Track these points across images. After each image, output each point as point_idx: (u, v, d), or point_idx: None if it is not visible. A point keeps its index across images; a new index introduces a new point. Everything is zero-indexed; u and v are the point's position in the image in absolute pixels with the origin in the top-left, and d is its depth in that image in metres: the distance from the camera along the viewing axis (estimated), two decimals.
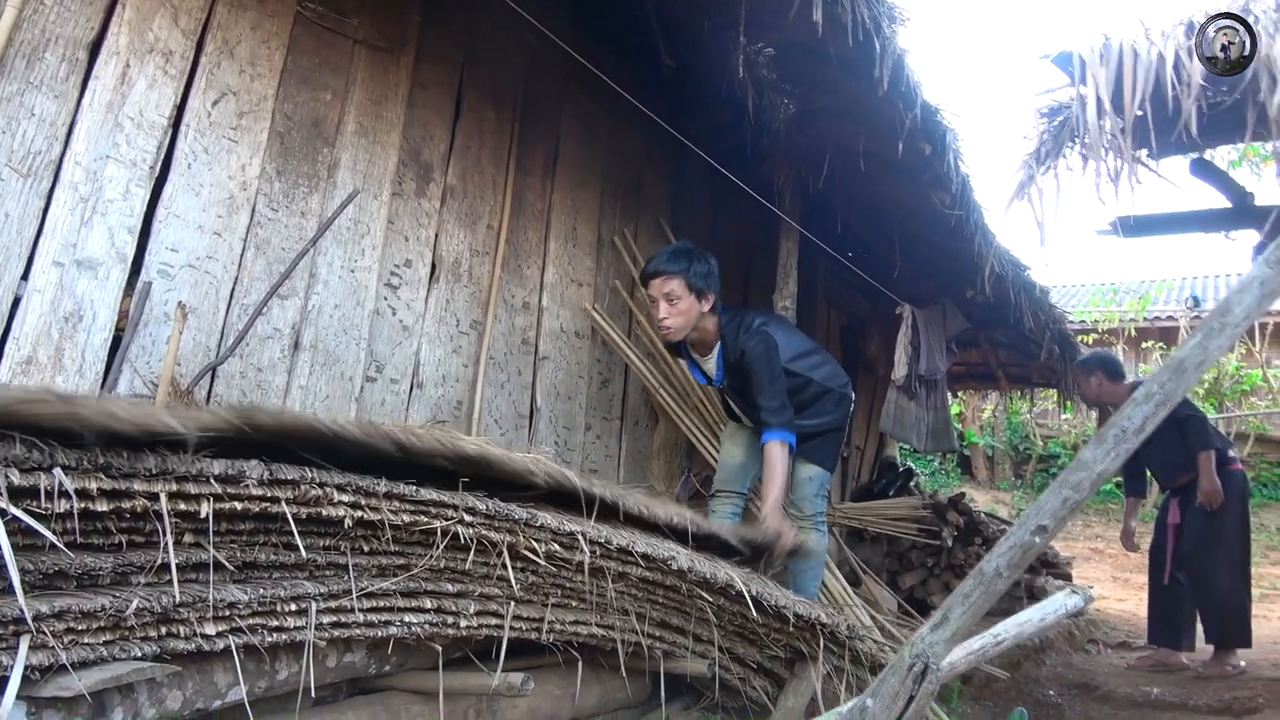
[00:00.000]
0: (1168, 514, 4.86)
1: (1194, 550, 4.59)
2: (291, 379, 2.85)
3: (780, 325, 3.35)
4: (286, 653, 1.74)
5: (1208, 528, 4.56)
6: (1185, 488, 4.72)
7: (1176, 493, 4.83)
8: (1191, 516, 4.63)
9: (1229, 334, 1.12)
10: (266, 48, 2.82)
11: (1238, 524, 4.59)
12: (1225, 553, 4.53)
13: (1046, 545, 1.31)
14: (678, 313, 3.08)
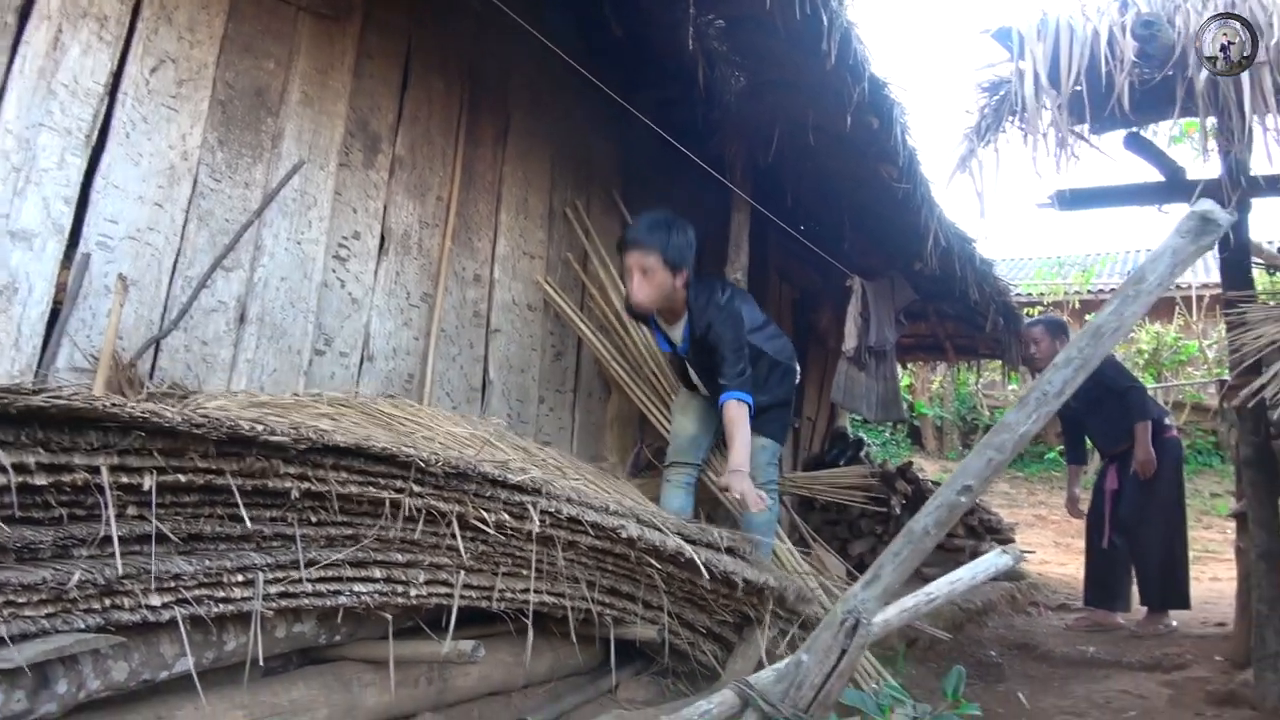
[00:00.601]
0: (1105, 480, 4.97)
1: (1131, 515, 4.71)
2: (238, 352, 2.82)
3: (742, 298, 3.41)
4: (234, 623, 1.74)
5: (1144, 493, 4.68)
6: (1123, 455, 4.84)
7: (1114, 460, 4.95)
8: (1129, 482, 4.76)
9: (1143, 300, 1.17)
10: (206, 14, 2.76)
11: (1173, 490, 4.73)
12: (1161, 517, 4.66)
13: (972, 504, 1.36)
14: (652, 286, 3.07)
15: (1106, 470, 5.01)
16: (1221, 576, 6.99)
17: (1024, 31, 2.32)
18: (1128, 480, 4.78)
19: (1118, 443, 4.85)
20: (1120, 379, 4.92)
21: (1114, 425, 4.82)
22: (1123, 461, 4.84)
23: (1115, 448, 4.91)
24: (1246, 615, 3.61)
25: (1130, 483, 4.75)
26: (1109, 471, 4.98)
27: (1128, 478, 4.77)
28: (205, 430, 1.47)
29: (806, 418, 6.64)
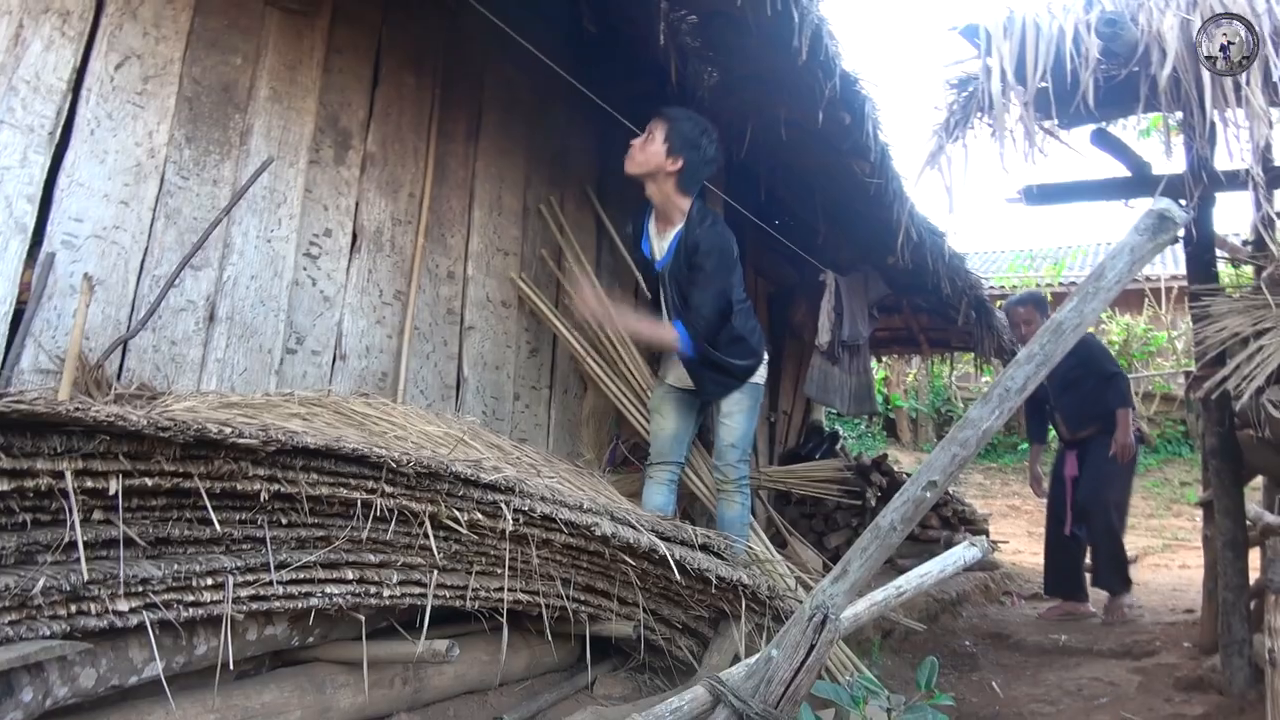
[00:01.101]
0: (1065, 467, 4.97)
1: (1088, 500, 4.77)
2: (207, 352, 2.79)
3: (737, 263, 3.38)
4: (205, 627, 1.73)
5: (1102, 481, 4.75)
6: (1085, 441, 4.84)
7: (1074, 446, 4.95)
8: (1088, 470, 4.80)
9: (1103, 297, 1.19)
10: (171, 9, 2.72)
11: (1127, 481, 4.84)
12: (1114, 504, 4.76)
13: (938, 499, 1.38)
14: (644, 153, 3.16)
15: (1065, 457, 4.99)
16: (1190, 564, 7.11)
17: (991, 29, 2.34)
18: (1086, 468, 4.80)
19: (1085, 425, 4.83)
20: (1107, 363, 4.90)
21: (1087, 408, 4.80)
22: (1083, 448, 4.83)
23: (1080, 431, 4.88)
24: (1214, 602, 3.67)
25: (1088, 470, 4.79)
26: (1068, 458, 4.95)
27: (1087, 465, 4.79)
28: (172, 433, 1.46)
29: (782, 411, 6.67)
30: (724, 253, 3.16)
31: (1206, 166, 2.50)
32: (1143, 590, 6.03)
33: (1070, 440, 5.00)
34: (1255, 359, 2.45)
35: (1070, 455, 4.95)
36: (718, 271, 3.12)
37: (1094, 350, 4.89)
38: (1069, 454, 4.96)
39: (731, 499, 3.35)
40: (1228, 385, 2.51)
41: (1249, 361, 2.46)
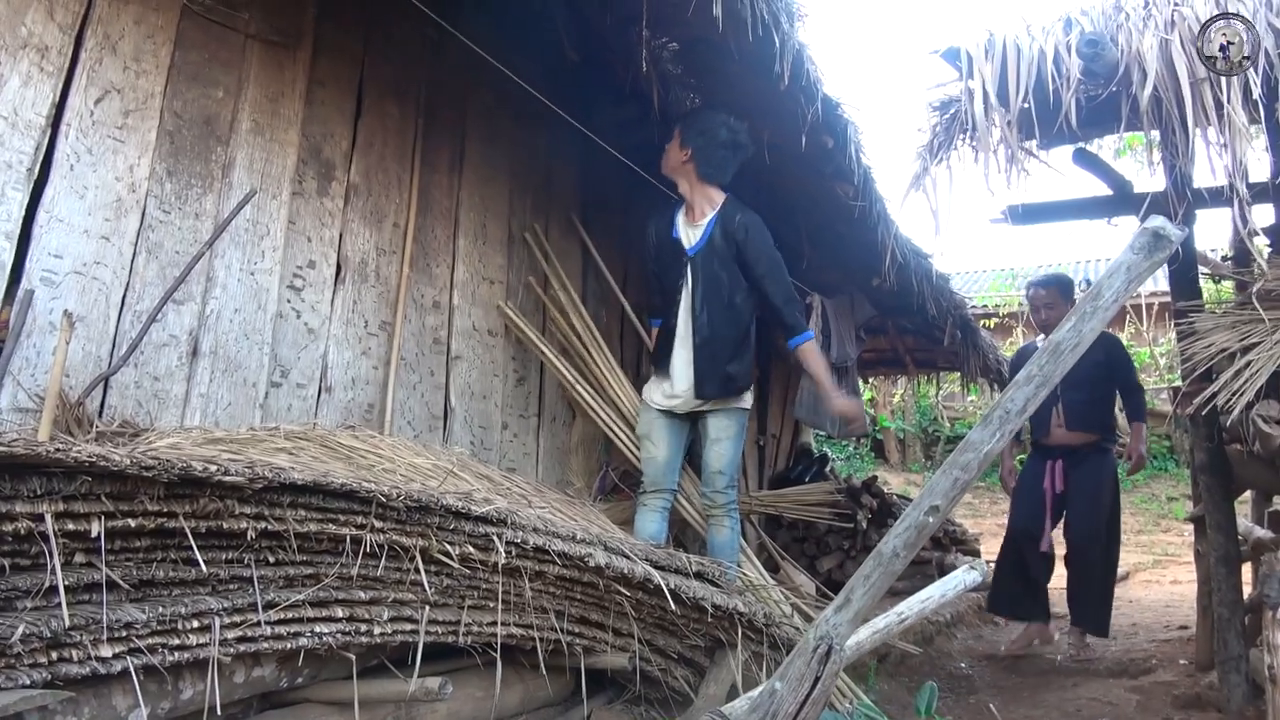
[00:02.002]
0: (1045, 476, 4.33)
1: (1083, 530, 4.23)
2: (191, 387, 2.75)
3: None
4: (191, 671, 1.68)
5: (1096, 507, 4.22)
6: (1076, 452, 4.29)
7: (1059, 455, 4.33)
8: (1080, 492, 4.24)
9: (1101, 316, 1.18)
10: (152, 43, 2.71)
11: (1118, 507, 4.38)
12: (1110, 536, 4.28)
13: (941, 523, 1.36)
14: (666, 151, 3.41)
15: (1047, 467, 4.34)
16: (1182, 579, 7.11)
17: (972, 51, 2.36)
18: (1077, 488, 4.25)
19: (1085, 429, 4.29)
20: (1133, 374, 4.50)
21: (1096, 412, 4.31)
22: (1072, 460, 4.28)
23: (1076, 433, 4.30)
24: (1208, 618, 3.66)
25: (1082, 492, 4.25)
26: (1051, 468, 4.33)
27: (1078, 484, 4.25)
28: (155, 472, 1.42)
29: (771, 435, 6.66)
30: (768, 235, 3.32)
31: (1188, 184, 2.52)
32: (1135, 607, 6.03)
33: (1055, 445, 4.34)
34: (1244, 374, 2.46)
35: (1053, 465, 4.32)
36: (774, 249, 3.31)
37: (1122, 356, 4.45)
38: (1051, 463, 4.33)
39: (721, 524, 3.32)
40: (1217, 401, 2.52)
41: (1237, 377, 2.47)
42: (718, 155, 3.32)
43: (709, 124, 3.31)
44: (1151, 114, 2.24)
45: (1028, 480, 4.43)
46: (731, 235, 3.26)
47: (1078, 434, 4.29)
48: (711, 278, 3.28)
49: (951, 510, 1.33)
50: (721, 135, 3.29)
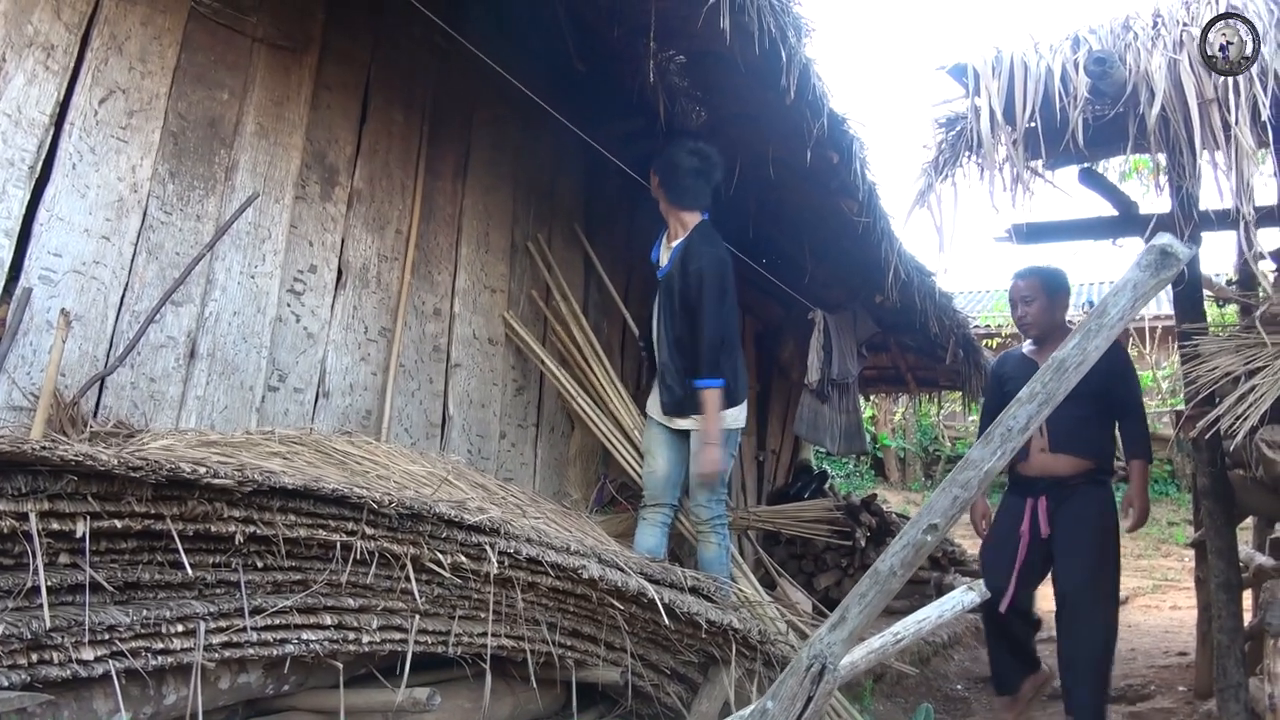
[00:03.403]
0: (1024, 516, 3.39)
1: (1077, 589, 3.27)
2: (187, 389, 2.73)
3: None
4: (174, 676, 1.66)
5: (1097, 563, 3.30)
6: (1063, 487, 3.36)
7: (1043, 489, 3.39)
8: (1072, 542, 3.32)
9: (1106, 334, 1.16)
10: (158, 44, 2.70)
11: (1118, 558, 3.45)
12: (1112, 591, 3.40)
13: (939, 542, 1.34)
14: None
15: (1029, 506, 3.40)
16: (1181, 605, 7.05)
17: (979, 68, 2.35)
18: (1066, 532, 3.33)
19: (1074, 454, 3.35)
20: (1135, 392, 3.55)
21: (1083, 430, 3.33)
22: (1059, 498, 3.36)
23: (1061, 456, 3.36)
24: (1208, 645, 3.61)
25: (1069, 537, 3.32)
26: (1034, 509, 3.38)
27: (1067, 526, 3.33)
28: (143, 473, 1.40)
29: (770, 451, 6.63)
30: (725, 266, 3.25)
31: (1194, 206, 2.51)
32: (1135, 632, 5.97)
33: (1038, 475, 3.42)
34: (1248, 398, 2.43)
35: (1038, 504, 3.39)
36: (722, 282, 3.21)
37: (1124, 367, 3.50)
38: (1034, 501, 3.40)
39: (708, 540, 3.29)
40: (1220, 425, 2.49)
41: (1241, 401, 2.44)
42: (683, 182, 3.32)
43: (673, 152, 3.33)
44: (1159, 135, 2.22)
45: (1003, 524, 3.52)
46: (687, 265, 3.24)
47: (1066, 459, 3.35)
48: (669, 304, 3.30)
49: (950, 529, 1.31)
50: (685, 163, 3.30)
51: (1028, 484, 3.45)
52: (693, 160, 3.31)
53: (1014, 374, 3.45)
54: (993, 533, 3.57)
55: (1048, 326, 3.49)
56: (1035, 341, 3.60)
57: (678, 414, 3.28)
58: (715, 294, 3.18)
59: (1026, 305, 3.52)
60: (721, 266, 3.23)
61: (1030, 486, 3.43)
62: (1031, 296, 3.50)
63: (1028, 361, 3.56)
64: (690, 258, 3.23)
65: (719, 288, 3.19)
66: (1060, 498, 3.35)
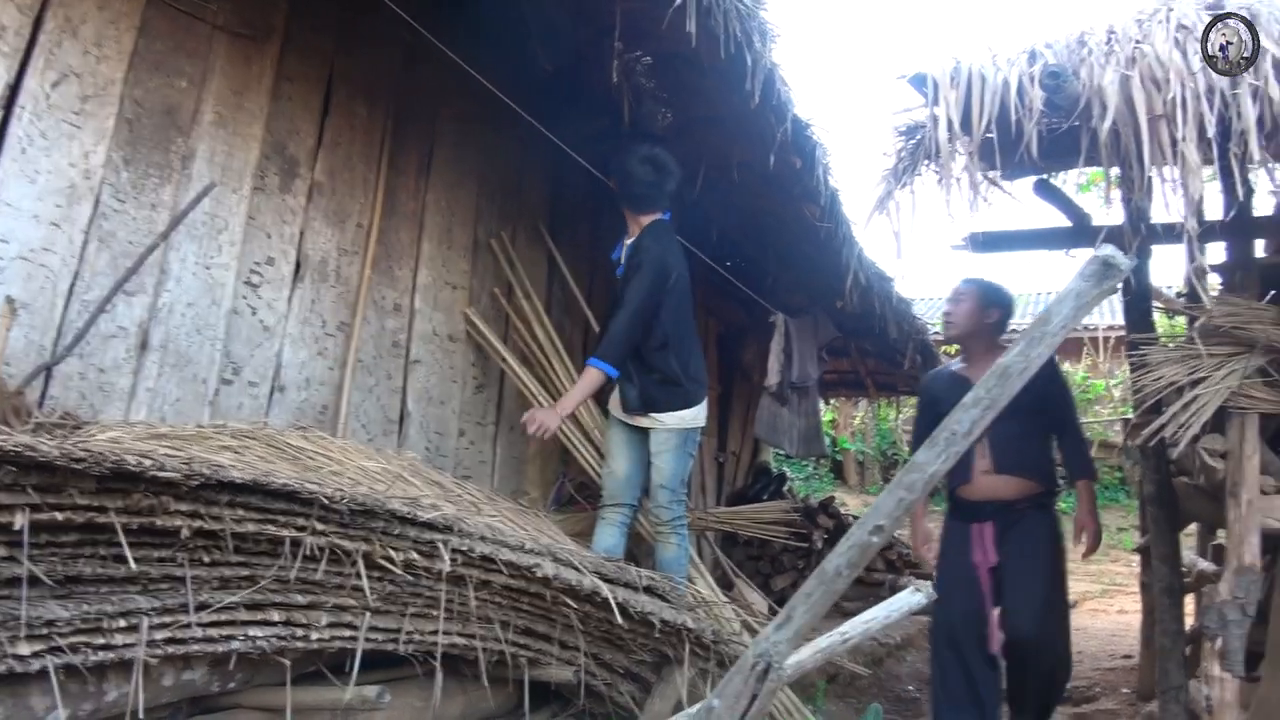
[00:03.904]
0: (973, 545, 3.13)
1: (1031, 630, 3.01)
2: (138, 381, 2.68)
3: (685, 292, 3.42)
4: (116, 672, 1.63)
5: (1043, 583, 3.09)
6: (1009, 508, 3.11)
7: (989, 514, 3.13)
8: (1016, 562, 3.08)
9: (1049, 341, 1.19)
10: (115, 28, 2.65)
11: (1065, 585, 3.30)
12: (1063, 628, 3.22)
13: (885, 543, 1.36)
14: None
15: (974, 533, 3.14)
16: (1128, 609, 7.22)
17: (938, 78, 2.39)
18: (1014, 560, 3.08)
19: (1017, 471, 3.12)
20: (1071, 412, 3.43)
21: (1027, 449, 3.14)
22: (1005, 524, 3.11)
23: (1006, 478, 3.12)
24: (1151, 648, 3.71)
25: (1019, 566, 3.07)
26: (978, 534, 3.13)
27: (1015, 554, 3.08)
28: (86, 465, 1.38)
29: (731, 452, 6.67)
30: (662, 262, 3.24)
31: (1144, 219, 2.57)
32: (1082, 635, 6.09)
33: (982, 500, 3.16)
34: (1191, 407, 2.50)
35: (984, 532, 3.13)
36: (653, 279, 3.21)
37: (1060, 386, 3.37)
38: (979, 527, 3.14)
39: (667, 540, 3.30)
40: (1165, 433, 2.56)
41: (1185, 410, 2.51)
42: (635, 190, 3.36)
43: (627, 160, 3.35)
44: (1110, 149, 2.27)
45: (951, 555, 3.26)
46: (631, 262, 3.30)
47: (1012, 482, 3.12)
48: (619, 301, 3.32)
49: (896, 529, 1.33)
50: (637, 172, 3.33)
51: (972, 509, 3.19)
52: (645, 169, 3.33)
53: (945, 393, 3.25)
54: (944, 564, 3.30)
55: (969, 332, 3.31)
56: (963, 355, 3.46)
57: (639, 410, 3.28)
58: (642, 286, 3.19)
59: (955, 304, 3.35)
60: (660, 263, 3.24)
61: (975, 511, 3.18)
62: (962, 298, 3.33)
63: (958, 379, 3.34)
64: (636, 253, 3.28)
65: (649, 282, 3.21)
66: (1007, 523, 3.11)
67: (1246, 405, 2.53)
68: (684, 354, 3.32)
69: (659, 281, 3.23)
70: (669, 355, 3.27)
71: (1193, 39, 2.29)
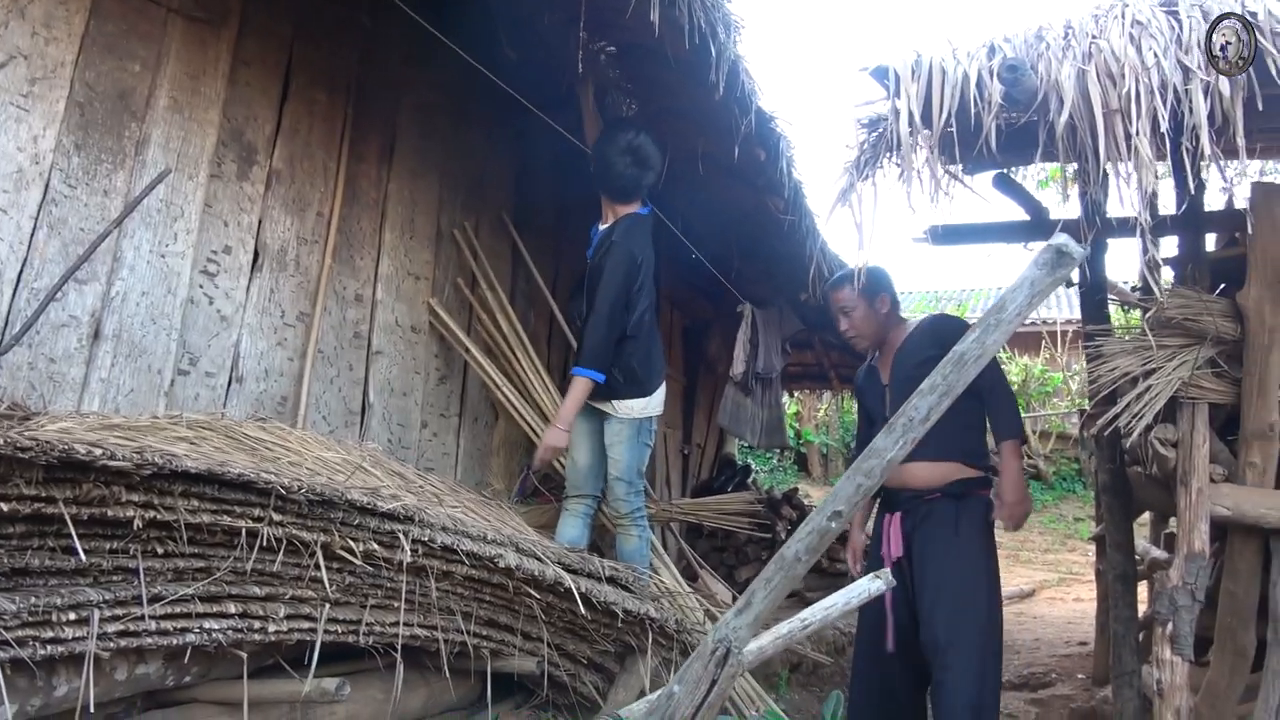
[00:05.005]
0: (886, 542, 2.80)
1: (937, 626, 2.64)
2: (90, 371, 2.62)
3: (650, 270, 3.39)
4: (66, 666, 1.60)
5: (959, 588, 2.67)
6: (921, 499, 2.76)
7: (900, 505, 2.81)
8: (925, 562, 2.71)
9: (1004, 329, 1.21)
10: (65, 9, 2.59)
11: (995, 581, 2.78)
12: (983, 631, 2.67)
13: (843, 529, 1.37)
14: None
15: (886, 525, 2.83)
16: (1084, 597, 7.36)
17: (900, 71, 2.40)
18: (923, 559, 2.72)
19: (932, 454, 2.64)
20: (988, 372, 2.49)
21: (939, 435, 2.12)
22: (916, 516, 2.76)
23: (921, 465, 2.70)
24: (1106, 634, 3.79)
25: (928, 567, 2.71)
26: (891, 526, 2.81)
27: (924, 552, 2.72)
28: (33, 454, 1.34)
29: (695, 444, 6.69)
30: (623, 264, 3.22)
31: (1100, 213, 2.61)
32: (1039, 623, 6.22)
33: (896, 490, 2.79)
34: (1144, 398, 2.55)
35: (893, 523, 2.81)
36: (625, 274, 3.21)
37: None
38: (890, 517, 2.83)
39: (628, 532, 3.30)
40: (1119, 423, 2.61)
41: (1138, 400, 2.56)
42: (614, 180, 3.33)
43: (606, 145, 3.32)
44: (1067, 143, 2.30)
45: (872, 549, 2.98)
46: (601, 253, 3.28)
47: (924, 468, 2.73)
48: (590, 288, 3.31)
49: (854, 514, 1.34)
50: (615, 160, 3.30)
51: (887, 498, 2.87)
52: (624, 160, 3.30)
53: (865, 385, 3.18)
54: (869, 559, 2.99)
55: (875, 331, 3.07)
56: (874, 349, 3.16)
57: (602, 396, 3.28)
58: (610, 290, 3.17)
59: (847, 317, 3.08)
60: (627, 263, 3.21)
61: (889, 501, 2.87)
62: (850, 306, 3.07)
63: (872, 370, 3.13)
64: (605, 246, 3.27)
65: (618, 283, 3.19)
66: (918, 515, 2.77)
67: (1197, 395, 2.59)
68: (644, 346, 3.32)
69: (626, 283, 3.23)
70: (629, 347, 3.26)
71: (1148, 35, 2.33)
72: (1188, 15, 2.32)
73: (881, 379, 3.03)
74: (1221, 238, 3.35)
